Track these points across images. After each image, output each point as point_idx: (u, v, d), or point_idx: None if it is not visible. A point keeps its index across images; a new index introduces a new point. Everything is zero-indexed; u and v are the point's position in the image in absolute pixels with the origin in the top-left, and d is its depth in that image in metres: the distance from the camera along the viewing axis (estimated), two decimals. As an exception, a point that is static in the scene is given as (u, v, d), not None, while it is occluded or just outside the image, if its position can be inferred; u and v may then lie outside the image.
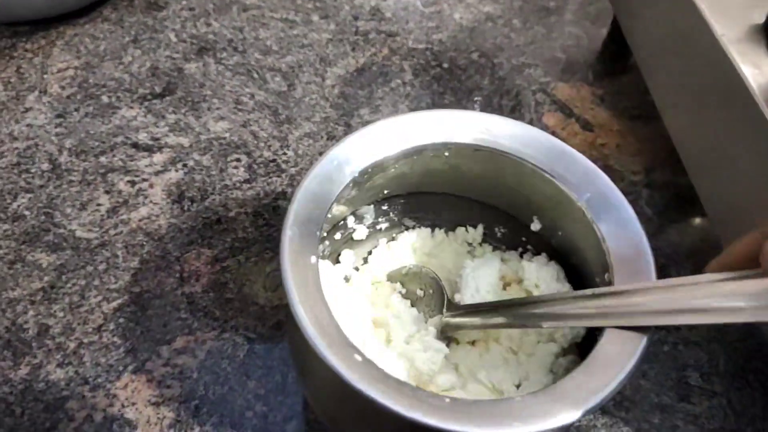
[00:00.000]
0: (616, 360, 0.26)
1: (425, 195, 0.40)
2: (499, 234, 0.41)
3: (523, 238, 0.39)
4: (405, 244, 0.41)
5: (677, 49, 0.47)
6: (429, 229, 0.42)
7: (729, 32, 0.42)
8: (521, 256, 0.40)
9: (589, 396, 0.25)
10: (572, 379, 0.26)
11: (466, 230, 0.41)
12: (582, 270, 0.35)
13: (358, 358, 0.26)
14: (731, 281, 0.25)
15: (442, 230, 0.42)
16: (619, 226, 0.31)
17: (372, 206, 0.40)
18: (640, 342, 0.27)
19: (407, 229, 0.42)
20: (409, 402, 0.25)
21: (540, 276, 0.36)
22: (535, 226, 0.38)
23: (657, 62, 0.50)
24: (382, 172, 0.36)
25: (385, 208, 0.41)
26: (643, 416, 0.39)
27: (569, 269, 0.37)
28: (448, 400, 0.25)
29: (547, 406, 0.25)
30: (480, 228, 0.41)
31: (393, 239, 0.42)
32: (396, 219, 0.42)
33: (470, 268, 0.38)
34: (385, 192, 0.40)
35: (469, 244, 0.41)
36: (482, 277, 0.37)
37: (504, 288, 0.38)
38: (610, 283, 0.30)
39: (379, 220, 0.41)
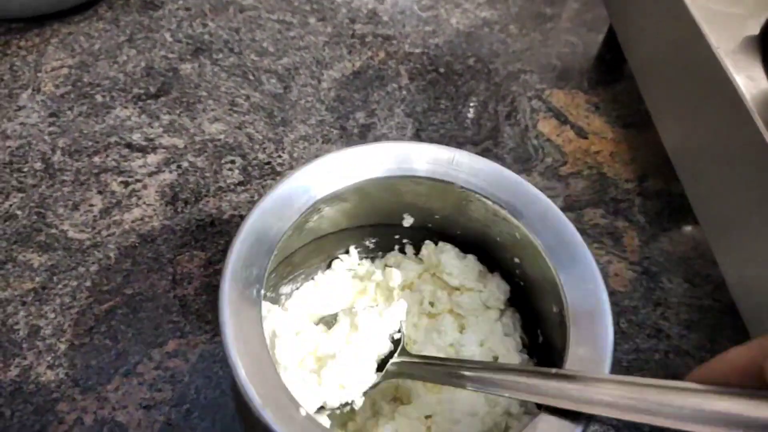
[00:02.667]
0: None
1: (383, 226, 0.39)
2: None
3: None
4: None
5: (672, 59, 0.47)
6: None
7: (724, 44, 0.42)
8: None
9: None
10: None
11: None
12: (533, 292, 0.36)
13: (303, 412, 0.25)
14: (725, 397, 0.21)
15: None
16: (577, 273, 0.31)
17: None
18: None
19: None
20: None
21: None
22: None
23: (652, 71, 0.50)
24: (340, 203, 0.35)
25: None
26: (635, 424, 0.39)
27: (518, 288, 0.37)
28: None
29: None
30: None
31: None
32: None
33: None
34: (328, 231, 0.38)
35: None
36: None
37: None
38: (563, 316, 0.30)
39: None
